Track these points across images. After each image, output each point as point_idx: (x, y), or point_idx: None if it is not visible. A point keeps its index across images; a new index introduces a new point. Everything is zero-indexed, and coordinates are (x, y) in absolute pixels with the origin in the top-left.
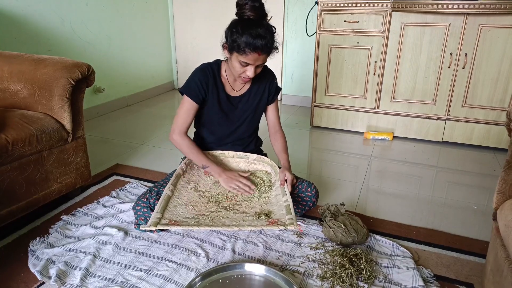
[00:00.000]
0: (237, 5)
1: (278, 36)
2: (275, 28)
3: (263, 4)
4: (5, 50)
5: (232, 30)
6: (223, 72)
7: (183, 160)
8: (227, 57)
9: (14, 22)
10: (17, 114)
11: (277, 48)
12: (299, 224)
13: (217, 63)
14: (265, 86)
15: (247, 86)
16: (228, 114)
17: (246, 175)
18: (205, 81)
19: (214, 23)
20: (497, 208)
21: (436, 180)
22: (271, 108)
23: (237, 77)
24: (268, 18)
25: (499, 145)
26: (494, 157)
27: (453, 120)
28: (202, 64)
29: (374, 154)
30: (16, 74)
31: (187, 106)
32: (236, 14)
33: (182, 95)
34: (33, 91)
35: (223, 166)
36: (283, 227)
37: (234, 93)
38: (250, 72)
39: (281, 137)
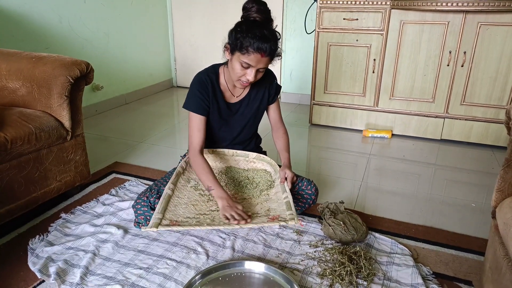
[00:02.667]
0: (244, 8)
1: (280, 43)
2: (279, 34)
3: (269, 9)
4: (3, 48)
5: (237, 29)
6: (221, 79)
7: (182, 158)
8: (228, 59)
9: (12, 20)
10: (16, 112)
11: (280, 55)
12: (300, 219)
13: (215, 70)
14: (264, 89)
15: (246, 90)
16: (228, 121)
17: (241, 207)
18: (206, 92)
19: (213, 21)
20: (496, 206)
21: (435, 178)
22: (272, 108)
23: (235, 80)
24: (274, 25)
25: (497, 143)
26: (492, 154)
27: (452, 118)
28: (199, 75)
29: (373, 152)
30: (15, 72)
31: (196, 123)
32: (242, 17)
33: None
34: (32, 89)
35: (229, 189)
36: (284, 223)
37: (233, 99)
38: (250, 75)
39: (284, 133)
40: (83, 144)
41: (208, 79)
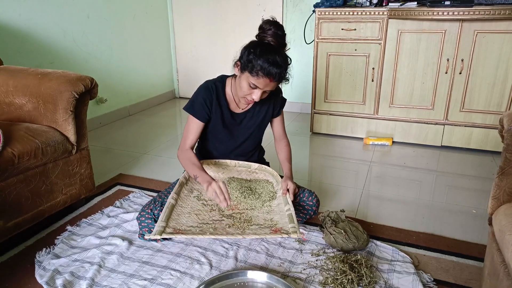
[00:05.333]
0: (261, 28)
1: (292, 68)
2: (291, 60)
3: (285, 34)
4: (9, 63)
5: (250, 50)
6: (227, 90)
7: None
8: (236, 75)
9: (18, 36)
10: (23, 127)
11: (288, 80)
12: (302, 232)
13: (222, 80)
14: (270, 103)
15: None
16: (232, 130)
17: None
18: (209, 99)
19: (214, 32)
20: (492, 213)
21: (436, 184)
22: (277, 120)
23: (241, 97)
24: (287, 49)
25: (497, 148)
26: (492, 160)
27: (452, 125)
28: (206, 82)
29: (374, 159)
30: (21, 88)
31: (192, 126)
32: (257, 37)
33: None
34: (38, 104)
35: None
36: (286, 235)
37: (238, 110)
38: (256, 95)
39: (286, 145)
40: (88, 157)
41: (214, 87)
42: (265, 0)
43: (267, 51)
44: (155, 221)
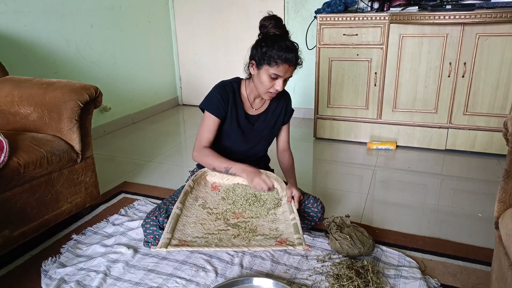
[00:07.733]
0: (262, 26)
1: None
2: (298, 44)
3: (284, 24)
4: (13, 73)
5: (262, 44)
6: (243, 90)
7: (190, 176)
8: (252, 74)
9: (22, 46)
10: (28, 137)
11: (301, 64)
12: (307, 244)
13: (237, 81)
14: (282, 106)
15: (266, 106)
16: (245, 132)
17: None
18: (226, 96)
19: (215, 39)
20: (498, 217)
21: (441, 188)
22: (284, 129)
23: (263, 92)
24: (290, 35)
25: (502, 151)
26: (497, 163)
27: (455, 128)
28: (223, 81)
29: (378, 164)
30: (26, 98)
31: (208, 122)
32: (261, 34)
33: (203, 111)
34: (43, 114)
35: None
36: (292, 247)
37: (252, 112)
38: (279, 85)
39: (289, 156)
40: (92, 166)
41: (230, 87)
42: (267, 7)
43: (277, 39)
44: (160, 228)
